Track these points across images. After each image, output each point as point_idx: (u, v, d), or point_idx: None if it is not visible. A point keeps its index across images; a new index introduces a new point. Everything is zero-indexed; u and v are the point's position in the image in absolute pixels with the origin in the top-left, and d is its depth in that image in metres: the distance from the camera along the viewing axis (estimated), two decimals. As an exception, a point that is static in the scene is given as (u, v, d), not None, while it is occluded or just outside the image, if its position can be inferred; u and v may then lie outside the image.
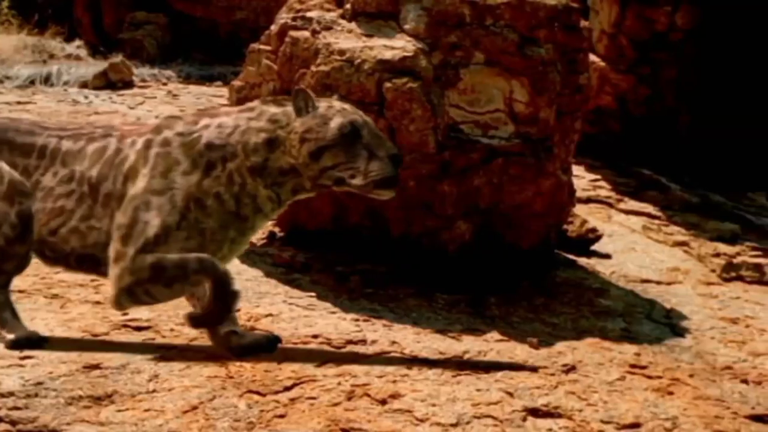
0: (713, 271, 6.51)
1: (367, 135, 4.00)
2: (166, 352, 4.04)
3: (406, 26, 5.35)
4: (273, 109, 4.06)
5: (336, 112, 4.00)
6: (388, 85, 5.14)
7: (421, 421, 3.48)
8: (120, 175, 4.06)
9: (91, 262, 4.08)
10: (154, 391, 3.66)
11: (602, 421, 3.59)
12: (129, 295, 3.93)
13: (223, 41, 13.70)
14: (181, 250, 3.89)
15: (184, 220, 3.92)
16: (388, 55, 5.20)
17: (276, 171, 4.00)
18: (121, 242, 3.94)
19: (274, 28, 5.78)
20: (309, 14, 5.53)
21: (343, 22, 5.46)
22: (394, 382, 3.78)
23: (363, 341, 4.36)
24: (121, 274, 3.91)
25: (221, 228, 3.97)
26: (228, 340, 4.11)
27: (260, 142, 3.99)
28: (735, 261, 6.60)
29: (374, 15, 5.44)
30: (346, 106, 4.11)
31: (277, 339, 4.23)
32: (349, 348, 4.26)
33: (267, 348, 4.15)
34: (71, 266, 4.19)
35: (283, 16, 5.70)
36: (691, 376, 4.20)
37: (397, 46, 5.26)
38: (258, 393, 3.66)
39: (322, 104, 4.04)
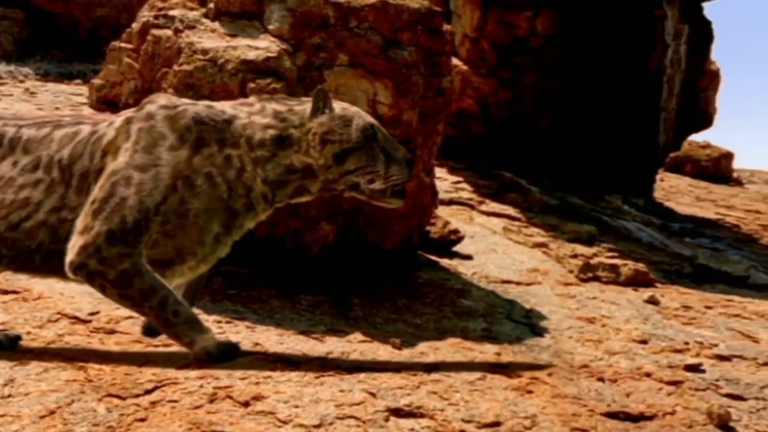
0: (571, 271, 6.65)
1: (382, 138, 3.89)
2: (22, 356, 3.93)
3: (270, 27, 5.33)
4: (276, 106, 3.91)
5: (353, 114, 3.88)
6: (251, 85, 5.11)
7: (284, 422, 3.46)
8: (98, 151, 3.77)
9: (61, 259, 3.70)
10: (9, 396, 3.56)
11: (463, 420, 3.63)
12: (86, 276, 3.66)
13: (83, 38, 13.47)
14: (158, 234, 3.68)
15: (165, 203, 3.67)
16: (251, 55, 5.17)
17: (284, 169, 3.85)
18: (92, 215, 3.65)
19: (135, 26, 5.69)
20: (171, 13, 5.47)
21: (207, 21, 5.41)
22: (257, 383, 3.75)
23: (226, 343, 4.30)
24: (84, 247, 3.64)
25: (206, 212, 3.74)
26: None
27: (268, 138, 3.83)
28: (592, 262, 6.75)
29: (238, 15, 5.41)
30: (354, 107, 4.02)
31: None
32: (212, 350, 4.22)
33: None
34: (33, 266, 3.81)
35: (145, 14, 5.62)
36: (549, 374, 4.27)
37: (261, 46, 5.24)
38: (118, 396, 3.59)
39: (336, 105, 3.91)
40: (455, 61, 8.50)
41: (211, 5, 5.45)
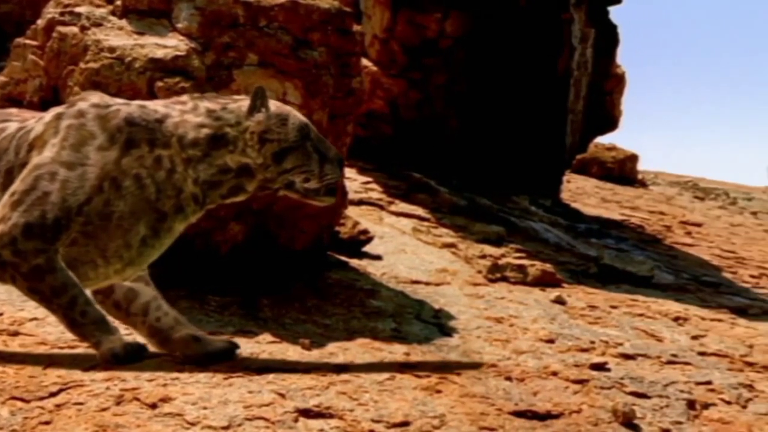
0: (479, 272, 6.70)
1: (315, 137, 3.88)
2: None
3: (179, 25, 5.28)
4: (209, 104, 3.84)
5: (288, 112, 3.85)
6: (159, 84, 5.06)
7: (192, 424, 3.44)
8: (24, 145, 3.69)
9: None
10: None
11: (373, 421, 3.63)
12: None
13: (-14, 35, 13.20)
14: (78, 234, 3.61)
15: (89, 204, 3.60)
16: (159, 53, 5.12)
17: (217, 169, 3.79)
18: (10, 206, 3.57)
19: (41, 22, 5.60)
20: (78, 9, 5.39)
21: (114, 18, 5.35)
22: (165, 385, 3.72)
23: (133, 345, 4.25)
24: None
25: (131, 214, 3.67)
26: (186, 346, 3.93)
27: (202, 137, 3.76)
28: (500, 262, 6.81)
29: (146, 12, 5.35)
30: (287, 106, 3.97)
31: (236, 345, 4.06)
32: (119, 352, 4.16)
33: (227, 355, 3.99)
34: None
35: (51, 11, 5.53)
36: (458, 374, 4.30)
37: (170, 45, 5.19)
38: (22, 399, 3.53)
39: (271, 103, 3.86)
40: (365, 61, 8.51)
41: (119, 2, 5.39)
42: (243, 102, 3.89)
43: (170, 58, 5.12)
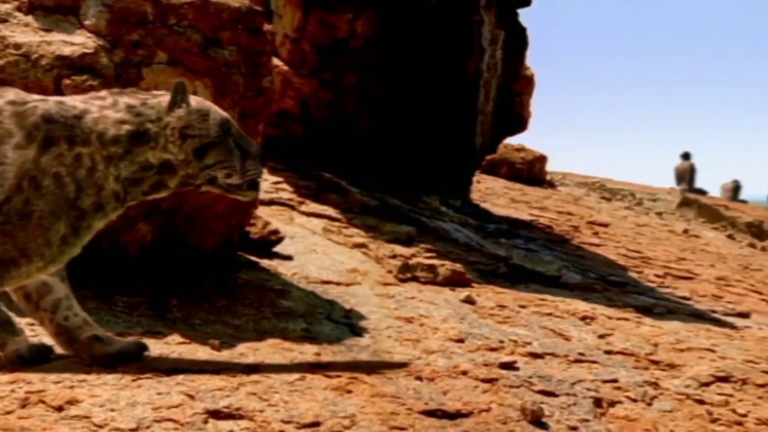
0: (390, 272, 6.72)
1: (236, 132, 3.84)
2: None
3: (87, 22, 5.21)
4: (129, 100, 3.77)
5: (209, 107, 3.81)
6: (67, 81, 4.99)
7: (100, 426, 3.40)
8: None
9: None
10: None
11: (283, 421, 3.63)
12: None
13: None
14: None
15: (8, 203, 3.52)
16: (67, 51, 5.05)
17: (138, 166, 3.74)
18: None
19: (-57, 17, 5.48)
20: (-18, 5, 5.29)
21: (19, 14, 5.25)
22: (72, 387, 3.67)
23: (38, 346, 4.19)
24: None
25: (51, 214, 3.59)
26: (91, 347, 3.85)
27: (123, 134, 3.69)
28: (410, 262, 6.84)
29: (52, 9, 5.26)
30: (207, 101, 3.92)
31: (144, 346, 4.00)
32: (24, 353, 4.10)
33: (136, 356, 3.92)
34: None
35: (-46, 6, 5.42)
36: (368, 374, 4.31)
37: (77, 42, 5.12)
38: None
39: (191, 99, 3.82)
40: (276, 61, 8.48)
41: (25, -2, 5.30)
42: (163, 98, 3.86)
43: (78, 56, 5.05)
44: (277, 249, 6.60)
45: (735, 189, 27.36)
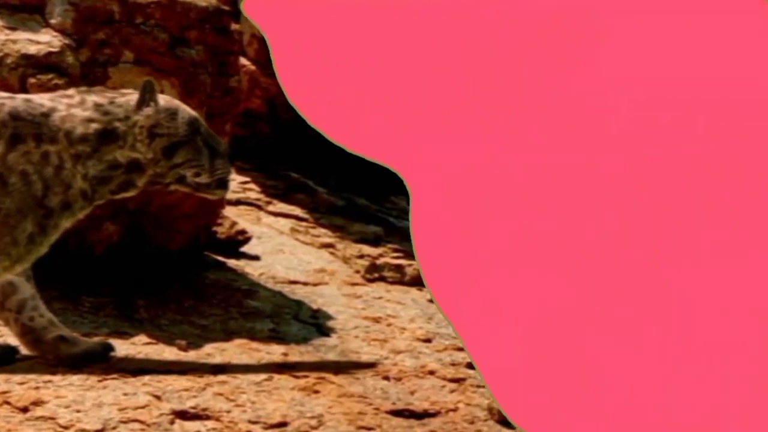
0: (357, 272, 6.72)
1: (205, 131, 3.84)
2: None
3: (53, 21, 5.19)
4: (96, 98, 3.76)
5: (177, 106, 3.82)
6: (32, 80, 4.96)
7: (65, 428, 3.39)
8: None
9: None
10: None
11: (250, 422, 3.63)
12: None
13: None
14: None
15: None
16: (32, 49, 5.02)
17: (106, 165, 3.71)
18: None
19: None
20: (-54, 3, 5.26)
21: (-16, 13, 5.23)
22: (37, 388, 3.65)
23: (4, 347, 4.17)
24: None
25: (18, 212, 3.57)
26: (57, 348, 3.81)
27: (91, 132, 3.67)
28: (378, 262, 6.84)
29: (17, 7, 5.23)
30: (176, 100, 3.91)
31: (110, 347, 3.98)
32: (-11, 354, 4.08)
33: (101, 357, 3.89)
34: None
35: None
36: (336, 374, 4.31)
37: (43, 41, 5.09)
38: None
39: (160, 97, 3.81)
40: (243, 60, 8.46)
41: (-11, -4, 5.27)
42: (131, 96, 3.85)
43: (43, 55, 5.02)
44: (245, 249, 6.59)
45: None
